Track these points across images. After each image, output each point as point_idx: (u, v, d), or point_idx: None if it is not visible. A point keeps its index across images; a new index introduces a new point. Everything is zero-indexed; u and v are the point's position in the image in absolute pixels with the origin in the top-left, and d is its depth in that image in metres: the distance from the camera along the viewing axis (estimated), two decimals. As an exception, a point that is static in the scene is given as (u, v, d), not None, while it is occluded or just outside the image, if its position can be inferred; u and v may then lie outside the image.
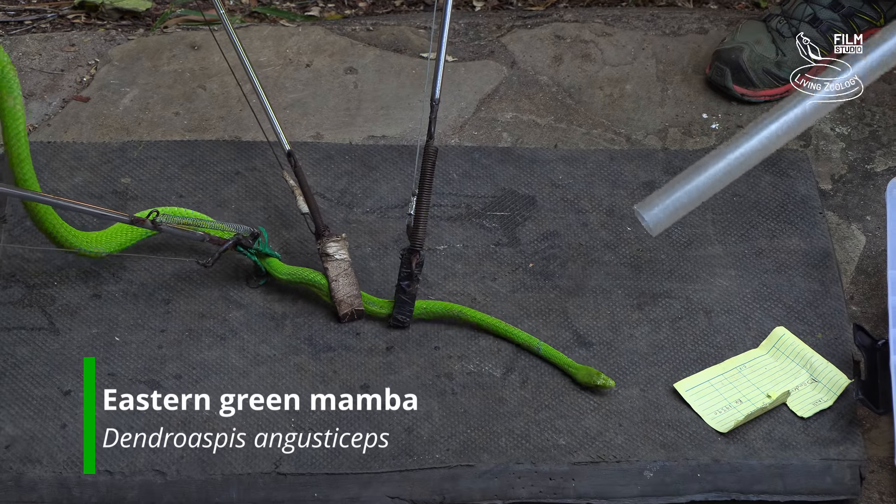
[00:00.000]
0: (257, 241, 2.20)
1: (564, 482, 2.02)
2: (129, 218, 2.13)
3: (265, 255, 2.21)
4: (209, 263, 2.16)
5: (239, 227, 2.20)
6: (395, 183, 2.39)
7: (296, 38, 2.68)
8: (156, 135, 2.49)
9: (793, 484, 2.02)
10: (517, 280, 2.25)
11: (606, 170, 2.42)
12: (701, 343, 2.16)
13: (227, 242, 2.18)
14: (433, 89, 2.19)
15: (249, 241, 2.20)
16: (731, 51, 2.54)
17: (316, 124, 2.53)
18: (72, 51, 2.66)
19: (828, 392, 2.10)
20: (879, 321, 2.21)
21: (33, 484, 1.99)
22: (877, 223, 2.36)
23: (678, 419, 2.07)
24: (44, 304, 2.19)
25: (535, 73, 2.63)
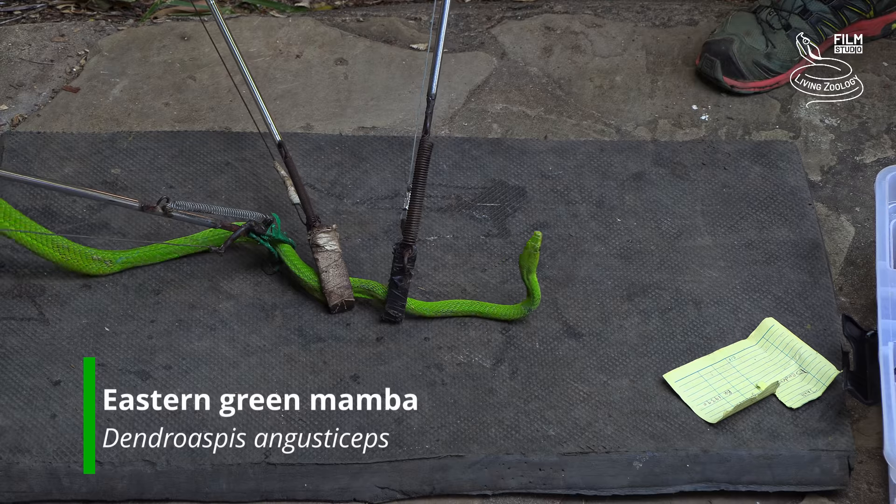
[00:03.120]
0: (270, 228, 2.19)
1: (554, 473, 2.02)
2: (139, 205, 2.12)
3: (278, 241, 2.21)
4: (221, 250, 2.15)
5: (251, 214, 2.19)
6: (384, 174, 2.39)
7: (286, 29, 2.68)
8: (146, 125, 2.49)
9: (781, 474, 2.02)
10: (507, 271, 2.25)
11: (596, 161, 2.42)
12: (690, 334, 2.17)
13: (240, 229, 2.17)
14: (430, 84, 2.18)
15: (262, 228, 2.19)
16: (720, 42, 2.55)
17: (306, 115, 2.53)
18: (62, 41, 2.66)
19: (817, 383, 2.10)
20: (868, 312, 2.21)
21: (23, 474, 1.99)
22: (866, 214, 2.36)
23: (667, 410, 2.07)
24: (34, 294, 2.19)
25: (525, 64, 2.63)
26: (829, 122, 2.52)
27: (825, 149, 2.48)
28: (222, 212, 2.18)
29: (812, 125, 2.51)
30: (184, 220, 2.16)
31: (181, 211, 2.14)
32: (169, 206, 2.12)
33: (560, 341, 2.16)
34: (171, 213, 2.13)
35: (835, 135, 2.50)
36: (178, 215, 2.14)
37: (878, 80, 2.58)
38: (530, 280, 2.12)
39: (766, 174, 2.39)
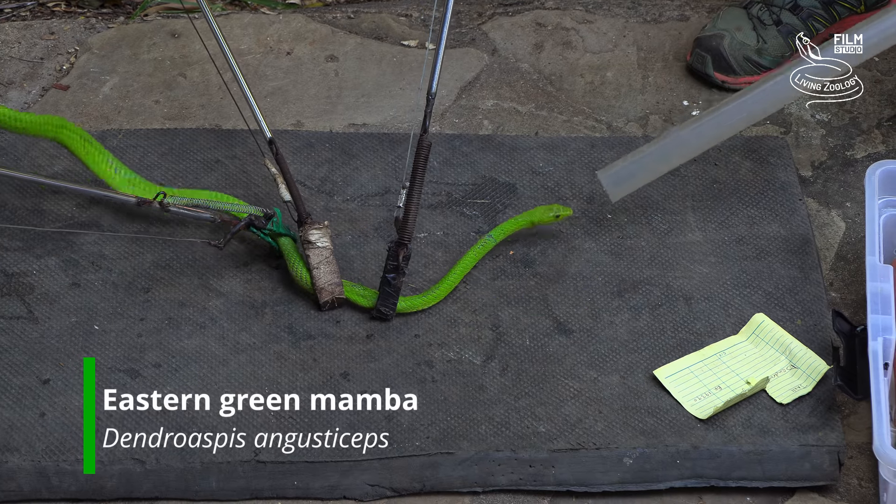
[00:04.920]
0: (271, 222, 2.18)
1: (544, 469, 2.02)
2: (135, 200, 2.12)
3: (279, 235, 2.20)
4: (221, 244, 2.14)
5: (251, 209, 2.18)
6: (375, 171, 2.39)
7: (276, 26, 2.68)
8: (136, 123, 2.49)
9: (772, 470, 2.02)
10: (497, 267, 2.25)
11: (587, 157, 2.42)
12: (681, 330, 2.17)
13: (240, 223, 2.16)
14: (430, 83, 2.17)
15: (262, 222, 2.18)
16: (711, 38, 2.54)
17: (296, 112, 2.52)
18: (51, 39, 2.65)
19: (807, 378, 2.10)
20: (858, 307, 2.21)
21: (11, 473, 1.99)
22: (856, 210, 2.36)
23: (658, 406, 2.07)
24: (22, 292, 2.19)
25: (516, 60, 2.63)
26: (820, 117, 2.52)
27: (816, 144, 2.47)
28: (221, 206, 2.18)
29: (803, 120, 2.51)
30: (181, 214, 2.16)
31: (178, 205, 2.13)
32: (166, 200, 2.11)
33: (550, 338, 2.15)
34: (168, 208, 2.12)
35: (825, 130, 2.50)
36: (175, 210, 2.13)
37: (869, 76, 2.57)
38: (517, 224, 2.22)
39: (757, 170, 2.39)
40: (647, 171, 2.21)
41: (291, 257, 2.19)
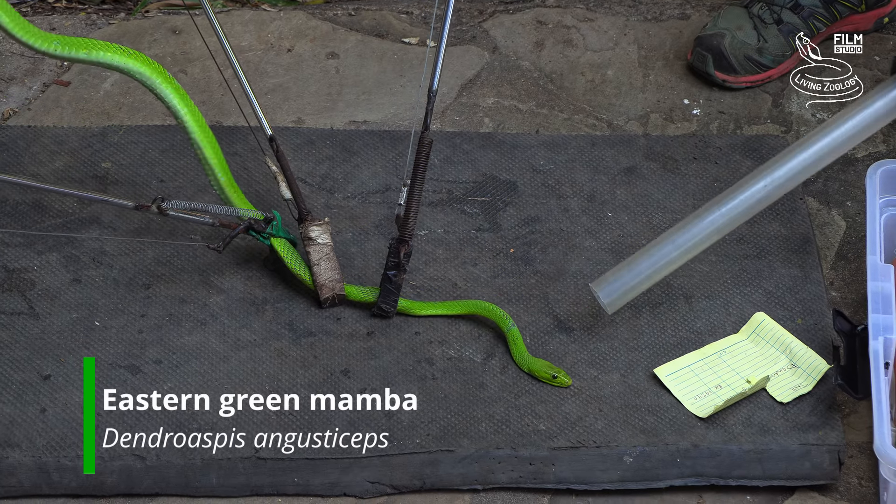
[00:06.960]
0: (270, 225, 2.18)
1: (544, 467, 2.02)
2: (133, 204, 2.11)
3: (279, 238, 2.20)
4: (220, 248, 2.13)
5: (250, 213, 2.17)
6: (376, 168, 2.39)
7: (277, 23, 2.68)
8: (136, 119, 2.49)
9: (772, 469, 2.02)
10: (498, 265, 2.25)
11: (588, 155, 2.42)
12: (681, 328, 2.17)
13: (239, 227, 2.16)
14: (431, 80, 2.17)
15: (262, 226, 2.17)
16: (712, 37, 2.54)
17: (297, 109, 2.52)
18: (52, 35, 2.65)
19: (807, 377, 2.10)
20: (859, 307, 2.21)
21: (12, 468, 1.99)
22: (857, 209, 2.36)
23: (658, 404, 2.07)
24: (24, 288, 2.19)
25: (516, 58, 2.63)
26: (821, 116, 2.52)
27: (816, 143, 2.47)
28: (220, 210, 2.16)
29: (804, 119, 2.51)
30: (180, 219, 2.15)
31: (177, 210, 2.12)
32: (164, 205, 2.09)
33: (551, 336, 2.16)
34: (166, 213, 2.11)
35: (826, 129, 2.50)
36: (173, 214, 2.12)
37: (869, 75, 2.57)
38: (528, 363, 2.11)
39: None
40: (644, 281, 2.15)
41: (290, 257, 2.18)
